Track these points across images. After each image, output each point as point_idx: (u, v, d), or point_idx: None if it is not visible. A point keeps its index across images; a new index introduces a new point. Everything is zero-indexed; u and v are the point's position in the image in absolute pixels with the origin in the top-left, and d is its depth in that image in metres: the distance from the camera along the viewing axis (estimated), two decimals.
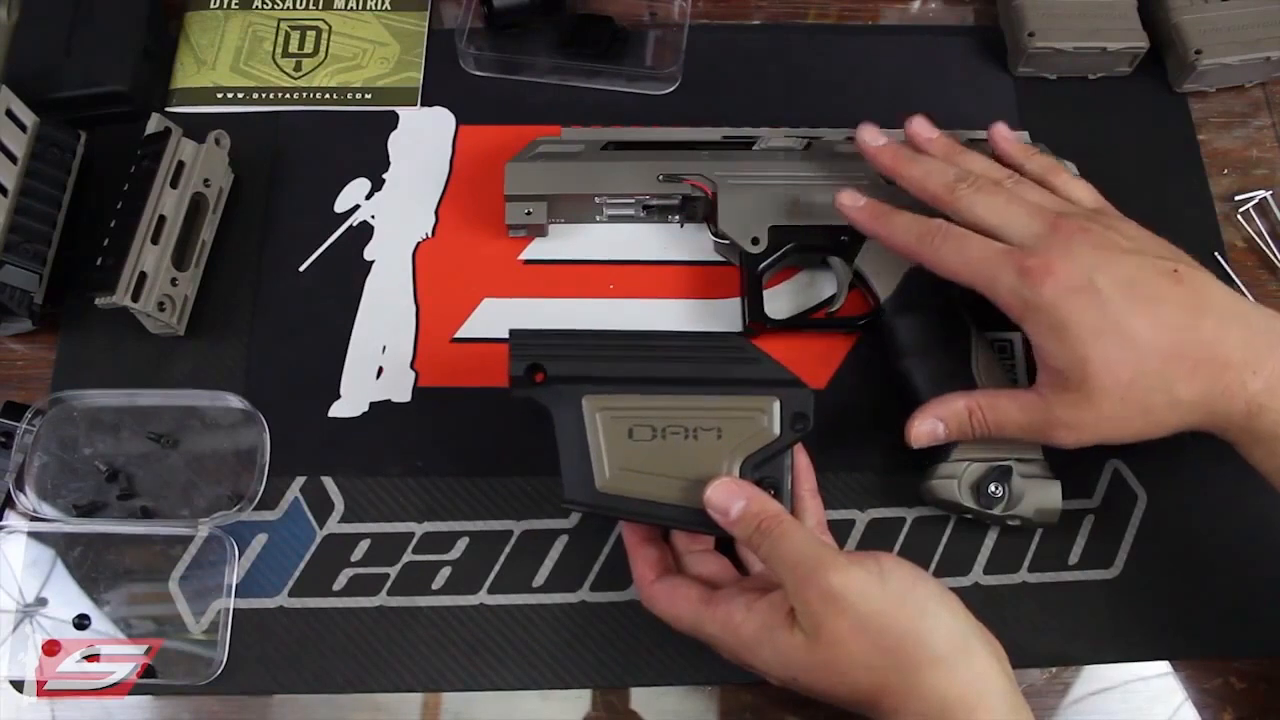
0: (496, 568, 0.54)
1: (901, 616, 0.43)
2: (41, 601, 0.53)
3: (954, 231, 0.51)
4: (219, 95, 0.65)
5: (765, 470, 0.49)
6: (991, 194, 0.51)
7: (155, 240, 0.55)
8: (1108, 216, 0.52)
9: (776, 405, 0.49)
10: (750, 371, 0.49)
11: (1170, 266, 0.48)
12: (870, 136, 0.56)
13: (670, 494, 0.48)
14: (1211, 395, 0.47)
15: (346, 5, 0.68)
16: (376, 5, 0.68)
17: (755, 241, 0.58)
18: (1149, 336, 0.47)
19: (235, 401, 0.56)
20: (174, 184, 0.57)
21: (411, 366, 0.58)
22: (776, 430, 0.49)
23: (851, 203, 0.54)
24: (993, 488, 0.52)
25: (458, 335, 0.59)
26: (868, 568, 0.44)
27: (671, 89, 0.66)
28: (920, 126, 0.56)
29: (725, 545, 0.52)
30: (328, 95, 0.65)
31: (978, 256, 0.50)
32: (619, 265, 0.61)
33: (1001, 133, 0.57)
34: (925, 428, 0.52)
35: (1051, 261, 0.48)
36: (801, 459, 0.52)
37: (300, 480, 0.56)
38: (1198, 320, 0.47)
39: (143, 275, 0.55)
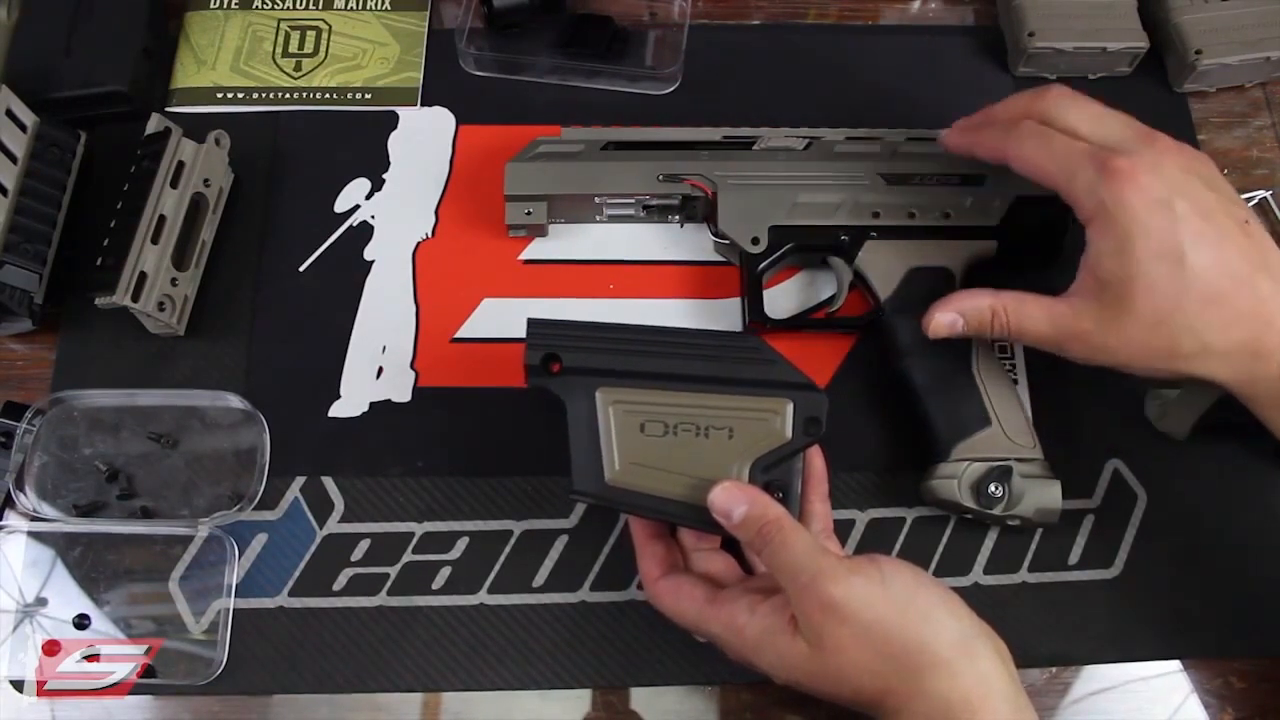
0: (496, 568, 0.54)
1: (904, 622, 0.43)
2: (41, 601, 0.53)
3: (1041, 128, 0.50)
4: (219, 95, 0.65)
5: (775, 473, 0.48)
6: (1085, 102, 0.50)
7: (155, 240, 0.55)
8: (1198, 153, 0.50)
9: (790, 408, 0.49)
10: (765, 373, 0.49)
11: (1243, 216, 0.48)
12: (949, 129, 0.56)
13: (678, 491, 0.48)
14: (1245, 352, 0.46)
15: (346, 5, 0.68)
16: (376, 5, 0.68)
17: (755, 241, 0.58)
18: (1204, 274, 0.46)
19: (235, 401, 0.56)
20: (174, 184, 0.57)
21: (411, 366, 0.58)
22: (788, 433, 0.49)
23: (946, 131, 0.55)
24: (993, 488, 0.52)
25: (458, 335, 0.59)
26: (868, 575, 0.43)
27: (671, 89, 0.66)
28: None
29: (732, 544, 0.52)
30: (328, 95, 0.65)
31: (1062, 149, 0.49)
32: (619, 265, 0.61)
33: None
34: (945, 319, 0.51)
35: (1138, 168, 0.46)
36: (817, 464, 0.52)
37: (300, 480, 0.56)
38: (1255, 274, 0.47)
39: (143, 275, 0.55)
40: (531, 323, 0.50)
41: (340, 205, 0.62)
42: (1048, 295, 0.50)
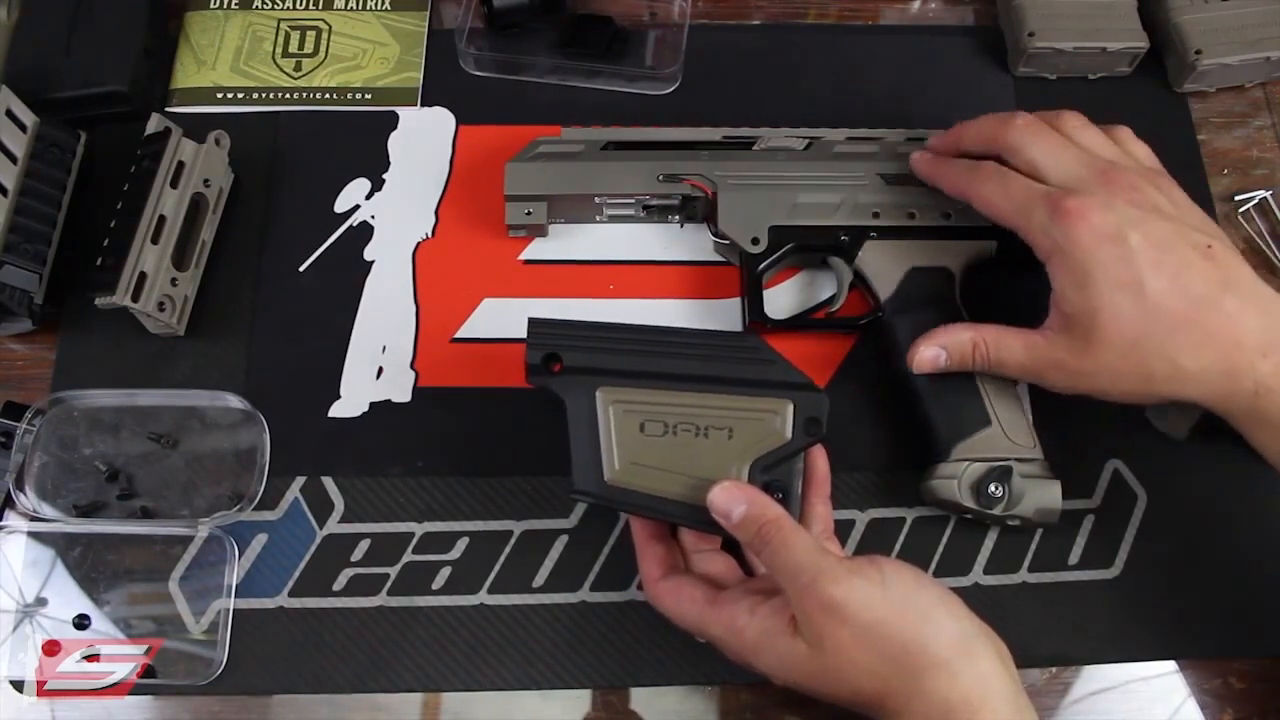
0: (496, 568, 0.54)
1: (904, 623, 0.43)
2: (41, 601, 0.53)
3: (1001, 170, 0.52)
4: (219, 95, 0.65)
5: (775, 474, 0.48)
6: (1046, 136, 0.52)
7: (155, 240, 0.55)
8: (1161, 178, 0.52)
9: (790, 408, 0.49)
10: (765, 373, 0.49)
11: (1205, 241, 0.49)
12: (921, 153, 0.57)
13: (678, 491, 0.48)
14: (1218, 371, 0.47)
15: (346, 5, 0.68)
16: (376, 5, 0.68)
17: (755, 241, 0.58)
18: (1166, 300, 0.47)
19: (235, 401, 0.56)
20: (174, 184, 0.57)
21: (411, 366, 0.58)
22: (788, 434, 0.49)
23: (919, 155, 0.57)
24: (993, 488, 0.52)
25: (458, 335, 0.59)
26: (868, 575, 0.44)
27: (671, 89, 0.66)
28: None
29: (733, 545, 0.52)
30: (328, 95, 0.65)
31: (1018, 191, 0.51)
32: (619, 265, 0.61)
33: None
34: (929, 354, 0.52)
35: (1088, 206, 0.48)
36: (821, 466, 0.52)
37: (300, 480, 0.56)
38: (1220, 296, 0.47)
39: (143, 275, 0.55)
40: (532, 322, 0.50)
41: (340, 205, 0.62)
42: (1026, 329, 0.51)
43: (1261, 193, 0.63)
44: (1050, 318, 0.50)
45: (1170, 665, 0.54)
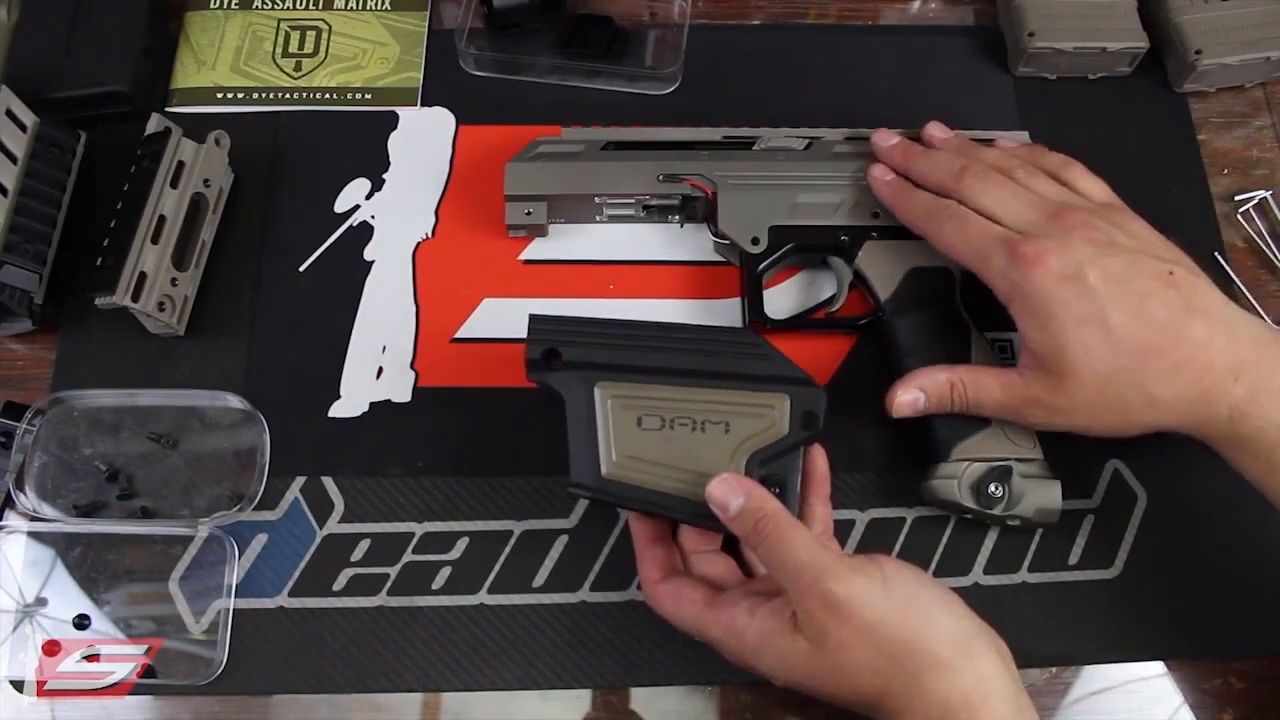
0: (496, 568, 0.54)
1: (905, 623, 0.43)
2: (41, 601, 0.53)
3: (960, 211, 0.52)
4: (219, 95, 0.65)
5: (772, 468, 0.49)
6: (998, 183, 0.53)
7: (155, 240, 0.55)
8: (1116, 213, 0.52)
9: (787, 402, 0.49)
10: (762, 367, 0.50)
11: (1166, 268, 0.49)
12: (883, 139, 0.58)
13: (675, 485, 0.48)
14: (1191, 397, 0.47)
15: (346, 5, 0.68)
16: (376, 5, 0.68)
17: (755, 241, 0.58)
18: (1130, 332, 0.47)
19: (235, 401, 0.56)
20: (174, 184, 0.57)
21: (411, 366, 0.58)
22: (785, 428, 0.49)
23: (880, 175, 0.57)
24: (993, 488, 0.52)
25: (458, 335, 0.59)
26: (870, 574, 0.44)
27: (671, 89, 0.66)
28: (935, 129, 0.58)
29: (732, 546, 0.52)
30: (328, 95, 0.65)
31: (976, 236, 0.51)
32: (619, 265, 0.61)
33: (1007, 140, 0.59)
34: (907, 398, 0.53)
35: (1045, 249, 0.49)
36: (820, 465, 0.52)
37: (300, 480, 0.56)
38: (1185, 321, 0.48)
39: (143, 275, 0.55)
40: (533, 318, 0.51)
41: (340, 205, 0.62)
42: (1002, 368, 0.52)
43: (1261, 193, 0.63)
44: (1022, 358, 0.51)
45: (1170, 665, 0.54)
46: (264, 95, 0.65)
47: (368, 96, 0.65)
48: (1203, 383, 0.47)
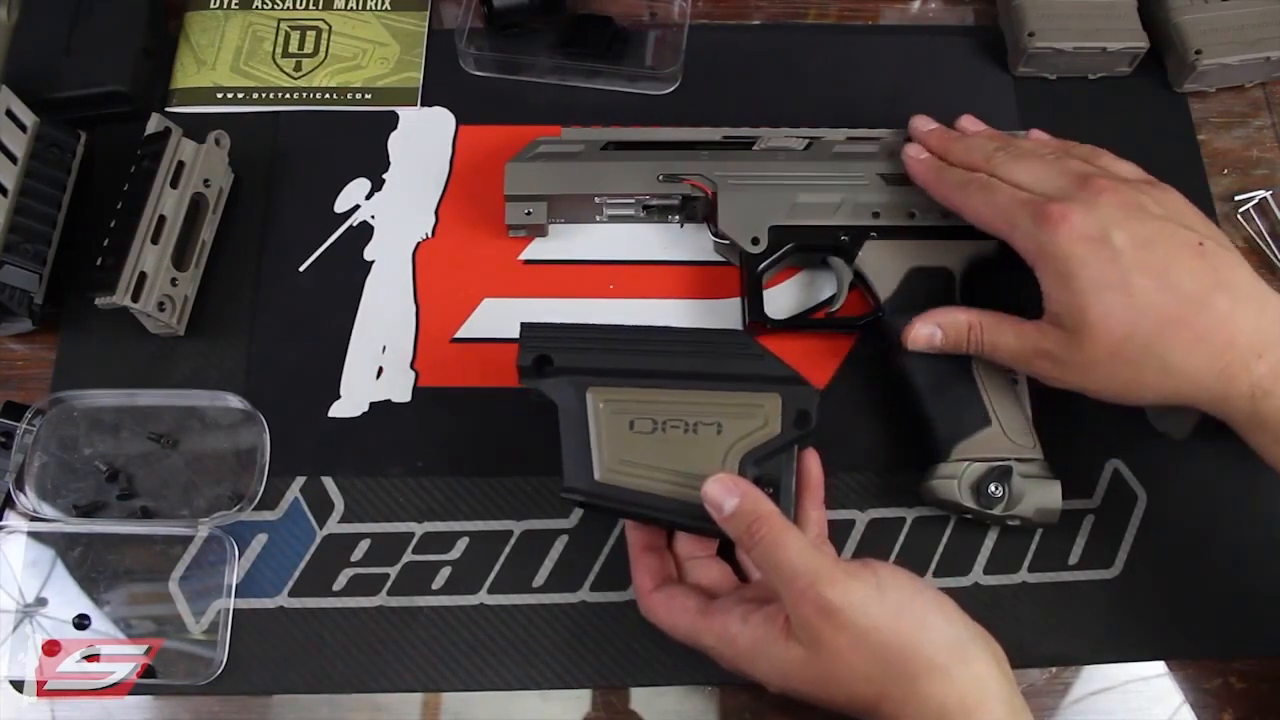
0: (496, 568, 0.54)
1: (899, 628, 0.43)
2: (41, 601, 0.53)
3: (990, 181, 0.52)
4: (219, 95, 0.65)
5: (765, 468, 0.48)
6: (1029, 160, 0.53)
7: (155, 240, 0.55)
8: (1151, 186, 0.52)
9: (778, 402, 0.49)
10: (753, 367, 0.50)
11: (1196, 239, 0.48)
12: (921, 123, 0.58)
13: (668, 488, 0.48)
14: (1210, 372, 0.47)
15: (346, 5, 0.68)
16: (376, 5, 0.68)
17: (755, 241, 0.58)
18: (1152, 298, 0.47)
19: (235, 401, 0.56)
20: (174, 184, 0.57)
21: (411, 366, 0.58)
22: (778, 427, 0.49)
23: (915, 154, 0.57)
24: (993, 488, 0.52)
25: (458, 335, 0.59)
26: (865, 580, 0.43)
27: (671, 89, 0.66)
28: (969, 121, 0.59)
29: (727, 551, 0.52)
30: (328, 95, 0.65)
31: (1004, 202, 0.51)
32: (619, 265, 0.61)
33: (1038, 133, 0.59)
34: (925, 331, 0.53)
35: (1070, 210, 0.49)
36: (815, 471, 0.52)
37: (300, 480, 0.56)
38: (1210, 294, 0.47)
39: (143, 275, 0.55)
40: (524, 326, 0.51)
41: (340, 205, 0.62)
42: (1022, 319, 0.52)
43: (1261, 193, 0.63)
44: (1045, 315, 0.51)
45: (1171, 665, 0.54)
46: (264, 95, 0.65)
47: (368, 96, 0.65)
48: (1224, 358, 0.46)
